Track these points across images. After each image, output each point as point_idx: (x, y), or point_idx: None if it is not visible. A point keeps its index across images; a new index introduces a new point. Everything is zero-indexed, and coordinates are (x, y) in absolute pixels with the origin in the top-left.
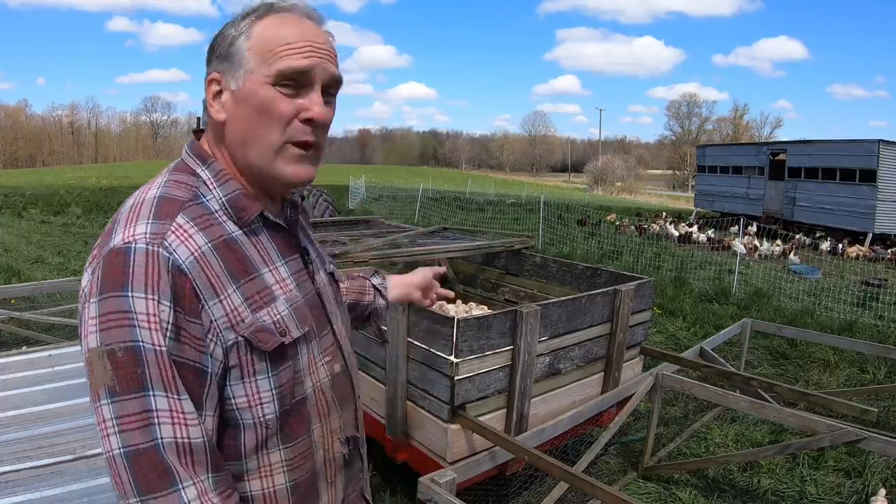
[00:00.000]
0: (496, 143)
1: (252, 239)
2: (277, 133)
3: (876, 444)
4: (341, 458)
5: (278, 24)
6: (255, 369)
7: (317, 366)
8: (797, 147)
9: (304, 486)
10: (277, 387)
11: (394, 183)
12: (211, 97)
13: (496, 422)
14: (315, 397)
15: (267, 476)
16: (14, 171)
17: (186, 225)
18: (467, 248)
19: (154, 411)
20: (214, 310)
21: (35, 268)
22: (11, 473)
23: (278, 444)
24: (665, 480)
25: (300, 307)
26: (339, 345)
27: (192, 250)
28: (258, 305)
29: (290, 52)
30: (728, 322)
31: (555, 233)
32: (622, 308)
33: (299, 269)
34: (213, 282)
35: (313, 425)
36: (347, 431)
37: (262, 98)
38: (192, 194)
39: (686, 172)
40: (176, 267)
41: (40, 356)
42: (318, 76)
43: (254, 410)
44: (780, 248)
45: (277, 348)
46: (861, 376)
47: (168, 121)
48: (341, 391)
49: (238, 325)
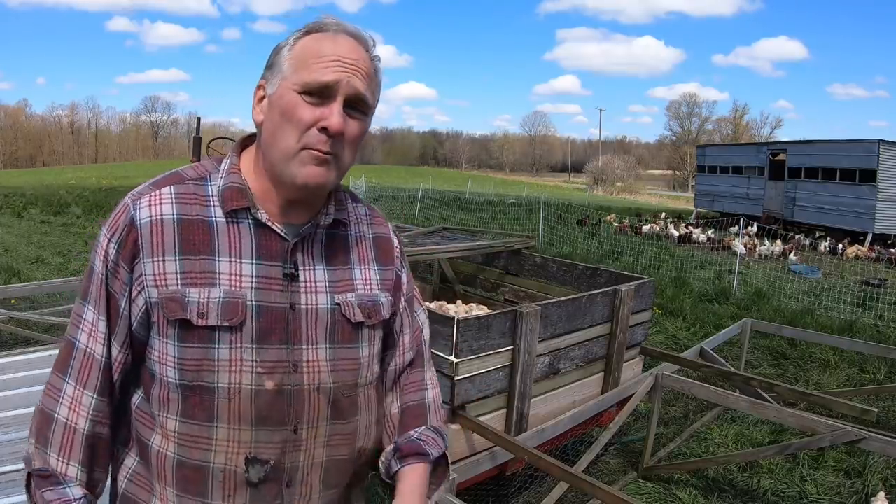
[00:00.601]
0: (496, 143)
1: (230, 227)
2: (295, 138)
3: (876, 444)
4: (243, 478)
5: (320, 38)
6: (167, 333)
7: (241, 368)
8: (797, 147)
9: (189, 473)
10: (179, 358)
11: (394, 183)
12: (256, 101)
13: (496, 422)
14: (229, 396)
15: (164, 437)
16: (14, 171)
17: (165, 195)
18: (467, 248)
19: (83, 318)
20: (147, 266)
21: (35, 268)
22: (11, 473)
23: (177, 414)
24: (665, 480)
25: (237, 303)
26: (293, 368)
27: (153, 214)
28: (192, 282)
29: (318, 65)
30: (728, 322)
31: (555, 233)
32: (622, 308)
33: (273, 276)
34: (156, 244)
35: (218, 422)
36: (263, 454)
37: (287, 102)
38: (201, 176)
39: (686, 172)
40: (131, 220)
41: (40, 356)
42: (342, 90)
43: (161, 368)
44: (781, 248)
45: (183, 322)
46: (861, 376)
47: (168, 121)
48: (267, 411)
49: (161, 288)
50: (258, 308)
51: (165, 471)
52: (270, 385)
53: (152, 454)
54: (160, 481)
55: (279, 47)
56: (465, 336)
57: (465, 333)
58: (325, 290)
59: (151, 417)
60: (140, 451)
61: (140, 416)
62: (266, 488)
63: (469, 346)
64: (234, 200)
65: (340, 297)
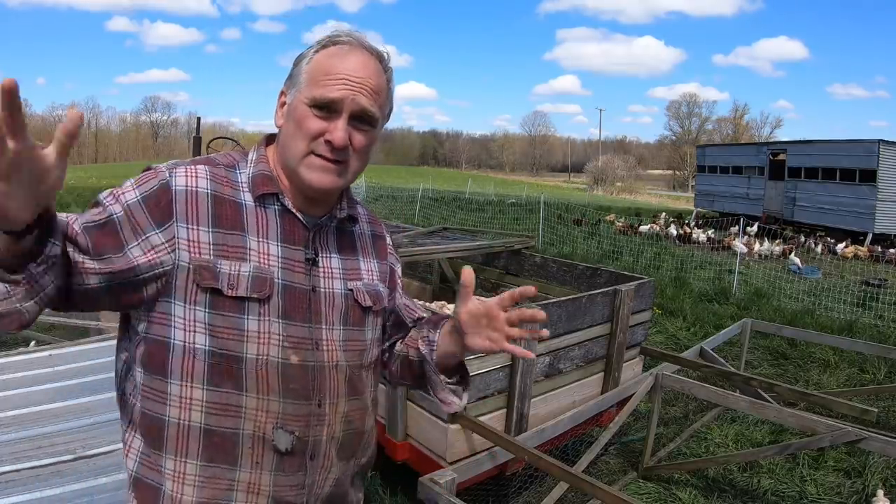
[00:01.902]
0: (496, 143)
1: (258, 211)
2: (304, 145)
3: (876, 444)
4: (271, 446)
5: (333, 53)
6: (196, 300)
7: (269, 341)
8: (797, 147)
9: (218, 440)
10: (210, 324)
11: (394, 183)
12: (278, 106)
13: (496, 422)
14: (256, 367)
15: (185, 408)
16: None
17: (202, 171)
18: (467, 248)
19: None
20: (181, 231)
21: None
22: (11, 473)
23: (203, 383)
24: (665, 480)
25: (265, 279)
26: (315, 346)
27: (190, 185)
28: (224, 254)
29: (326, 83)
30: (728, 322)
31: (555, 233)
32: (622, 308)
33: (297, 259)
34: (190, 212)
35: (247, 392)
36: (289, 425)
37: (299, 114)
38: (230, 164)
39: (686, 172)
40: (165, 184)
41: (40, 356)
42: (347, 107)
43: (187, 335)
44: (780, 248)
45: (215, 291)
46: (861, 376)
47: (168, 121)
48: (292, 383)
49: (193, 255)
50: (284, 286)
51: (188, 441)
52: (295, 360)
53: (169, 427)
54: (178, 455)
55: (299, 59)
56: None
57: None
58: (340, 277)
59: (162, 391)
60: (148, 429)
61: (148, 393)
62: (291, 460)
63: None
64: (264, 186)
65: (352, 284)
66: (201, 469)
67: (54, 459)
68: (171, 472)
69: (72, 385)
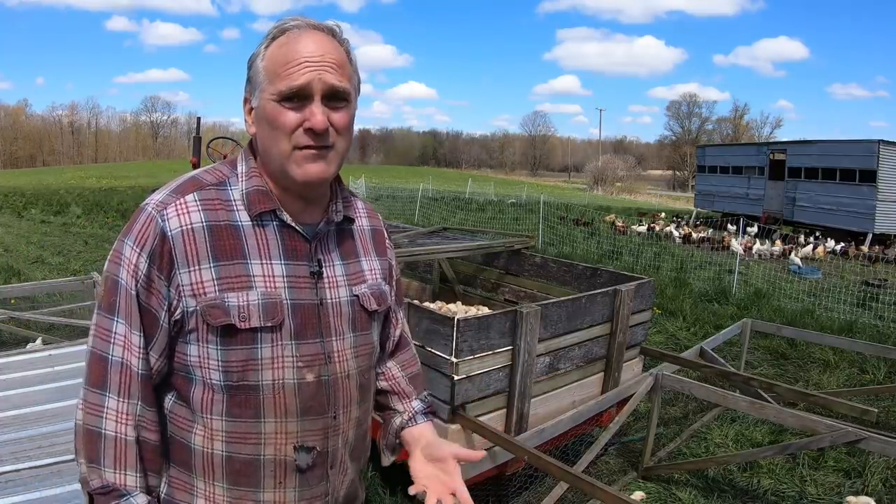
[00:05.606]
0: (496, 143)
1: (257, 230)
2: (286, 142)
3: (876, 444)
4: (293, 465)
5: (284, 42)
6: (208, 339)
7: (283, 365)
8: (797, 147)
9: (239, 467)
10: (224, 361)
11: (394, 183)
12: (246, 114)
13: (496, 422)
14: (273, 393)
15: (208, 437)
16: (14, 171)
17: (191, 203)
18: (467, 248)
19: (113, 332)
20: (183, 277)
21: (35, 268)
22: (11, 473)
23: (222, 414)
24: (665, 480)
25: (275, 304)
26: (327, 359)
27: (184, 223)
28: (230, 287)
29: (288, 72)
30: (728, 322)
31: (555, 233)
32: (622, 308)
33: (302, 275)
34: (190, 254)
35: (265, 418)
36: (307, 441)
37: (270, 113)
38: (220, 181)
39: (686, 172)
40: (162, 232)
41: (40, 356)
42: (316, 89)
43: (203, 371)
44: (780, 248)
45: (227, 327)
46: (861, 376)
47: (168, 121)
48: (309, 402)
49: (199, 296)
50: (293, 306)
51: (213, 468)
52: (311, 377)
53: (195, 454)
54: (206, 478)
55: (252, 60)
56: (464, 336)
57: (464, 333)
58: (345, 284)
59: (188, 419)
60: (176, 452)
61: (175, 419)
62: (313, 473)
63: (469, 345)
64: (261, 203)
65: (357, 289)
66: (227, 491)
67: (54, 459)
68: (203, 491)
69: (72, 385)
